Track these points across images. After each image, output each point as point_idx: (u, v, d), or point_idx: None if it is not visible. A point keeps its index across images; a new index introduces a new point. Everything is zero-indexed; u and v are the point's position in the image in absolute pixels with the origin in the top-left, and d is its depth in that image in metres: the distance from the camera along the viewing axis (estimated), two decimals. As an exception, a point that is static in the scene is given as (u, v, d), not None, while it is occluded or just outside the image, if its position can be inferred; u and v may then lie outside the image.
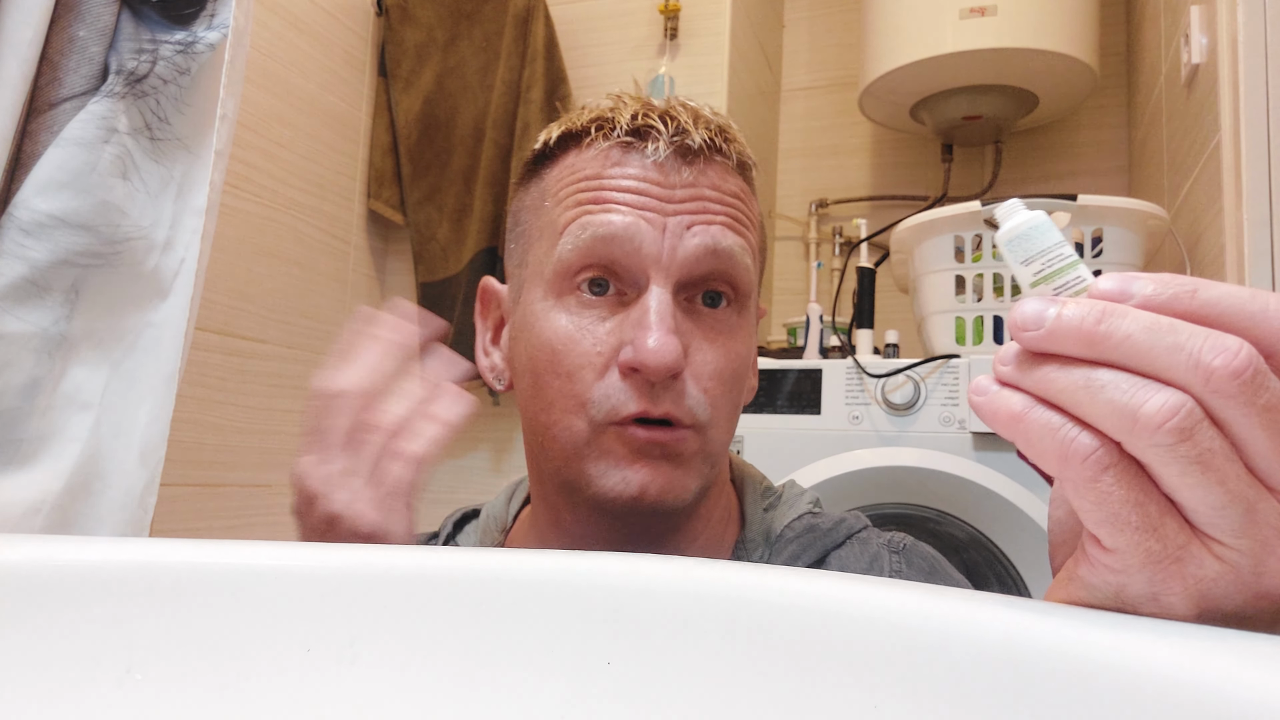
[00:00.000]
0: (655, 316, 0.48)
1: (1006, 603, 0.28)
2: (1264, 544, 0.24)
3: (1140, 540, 0.25)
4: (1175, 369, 0.23)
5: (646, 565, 0.33)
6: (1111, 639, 0.25)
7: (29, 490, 0.68)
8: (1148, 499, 0.24)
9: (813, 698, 0.28)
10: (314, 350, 1.68)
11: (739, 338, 0.52)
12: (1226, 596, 0.25)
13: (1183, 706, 0.22)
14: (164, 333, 0.77)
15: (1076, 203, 1.26)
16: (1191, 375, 0.23)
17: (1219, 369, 0.23)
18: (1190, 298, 0.24)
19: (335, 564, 0.35)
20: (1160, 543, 0.25)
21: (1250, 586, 0.25)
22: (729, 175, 0.53)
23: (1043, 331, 0.25)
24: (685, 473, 0.50)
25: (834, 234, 1.99)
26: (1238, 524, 0.24)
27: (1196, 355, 0.23)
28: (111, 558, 0.35)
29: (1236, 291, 0.24)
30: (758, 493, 0.60)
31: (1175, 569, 0.25)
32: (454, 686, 0.32)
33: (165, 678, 0.33)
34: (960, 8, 1.57)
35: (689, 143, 0.51)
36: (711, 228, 0.50)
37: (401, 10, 1.80)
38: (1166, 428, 0.23)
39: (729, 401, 0.52)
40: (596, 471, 0.49)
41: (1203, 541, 0.25)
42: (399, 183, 1.81)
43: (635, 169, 0.50)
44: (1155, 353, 0.23)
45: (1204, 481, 0.23)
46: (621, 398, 0.49)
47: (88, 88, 0.71)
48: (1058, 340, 0.25)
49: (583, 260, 0.50)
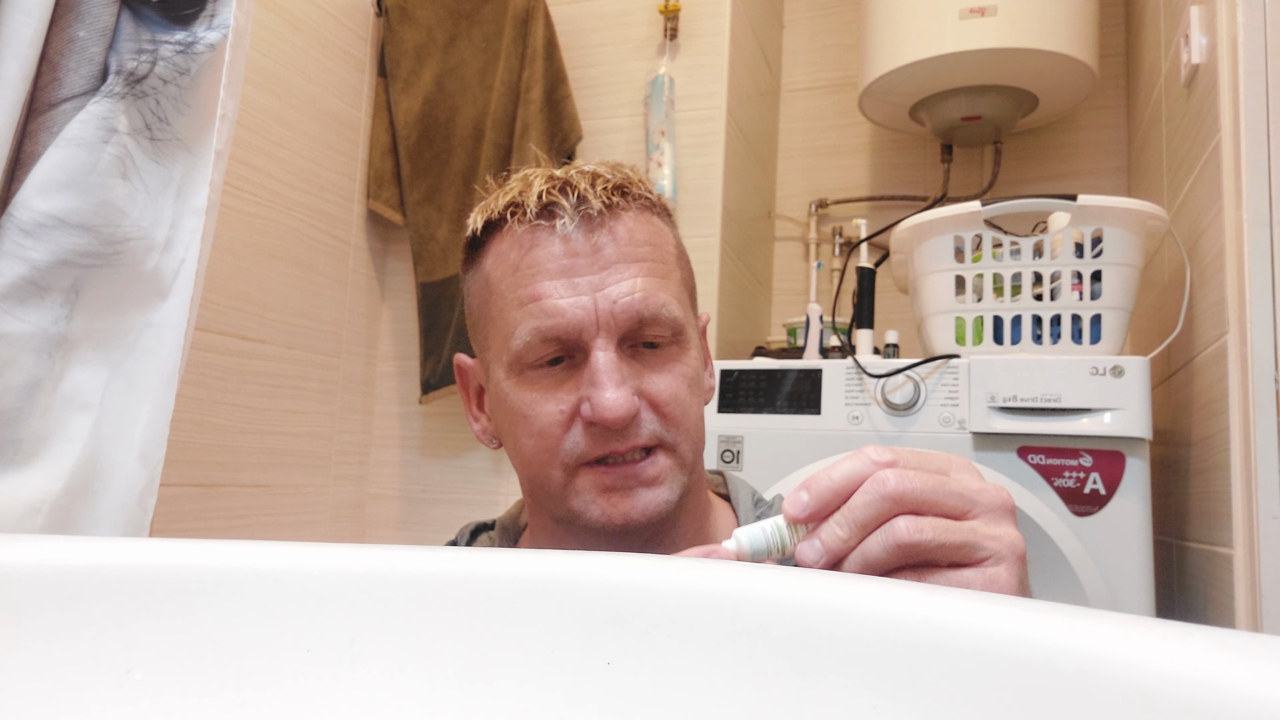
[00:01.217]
0: (604, 375, 0.55)
1: (1006, 603, 0.28)
2: (983, 547, 0.39)
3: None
4: (873, 503, 0.39)
5: (646, 565, 0.33)
6: (1112, 639, 0.25)
7: (29, 490, 0.68)
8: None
9: (813, 698, 0.28)
10: (314, 350, 1.68)
11: (684, 360, 0.59)
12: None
13: (1183, 706, 0.22)
14: (164, 333, 0.77)
15: (1076, 203, 1.26)
16: (879, 488, 0.39)
17: (881, 462, 0.40)
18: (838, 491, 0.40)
19: (335, 564, 0.35)
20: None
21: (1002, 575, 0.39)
22: (638, 224, 0.59)
23: (820, 557, 0.39)
24: (662, 489, 0.57)
25: (834, 234, 1.99)
26: (965, 546, 0.39)
27: (871, 482, 0.39)
28: (111, 558, 0.35)
29: (831, 477, 0.40)
30: (750, 502, 0.67)
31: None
32: (454, 686, 0.32)
33: (165, 678, 0.33)
34: (960, 8, 1.57)
35: (589, 211, 0.57)
36: (635, 287, 0.56)
37: (401, 10, 1.80)
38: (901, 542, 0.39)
39: (689, 415, 0.59)
40: (580, 506, 0.57)
41: (965, 567, 0.39)
42: (399, 183, 1.81)
43: (554, 247, 0.57)
44: (861, 514, 0.39)
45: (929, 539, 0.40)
46: (587, 445, 0.56)
47: (88, 88, 0.71)
48: (828, 555, 0.39)
49: (534, 354, 0.57)
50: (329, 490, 1.73)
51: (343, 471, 1.77)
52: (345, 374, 1.77)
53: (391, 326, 1.87)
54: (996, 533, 0.39)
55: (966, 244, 1.36)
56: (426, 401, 1.72)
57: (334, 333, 1.74)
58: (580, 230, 0.57)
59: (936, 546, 0.38)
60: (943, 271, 1.38)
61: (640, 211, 0.60)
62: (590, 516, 0.56)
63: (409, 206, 1.77)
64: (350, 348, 1.78)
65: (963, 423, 1.27)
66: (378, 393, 1.86)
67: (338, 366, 1.75)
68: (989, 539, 0.38)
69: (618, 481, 0.56)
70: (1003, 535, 0.39)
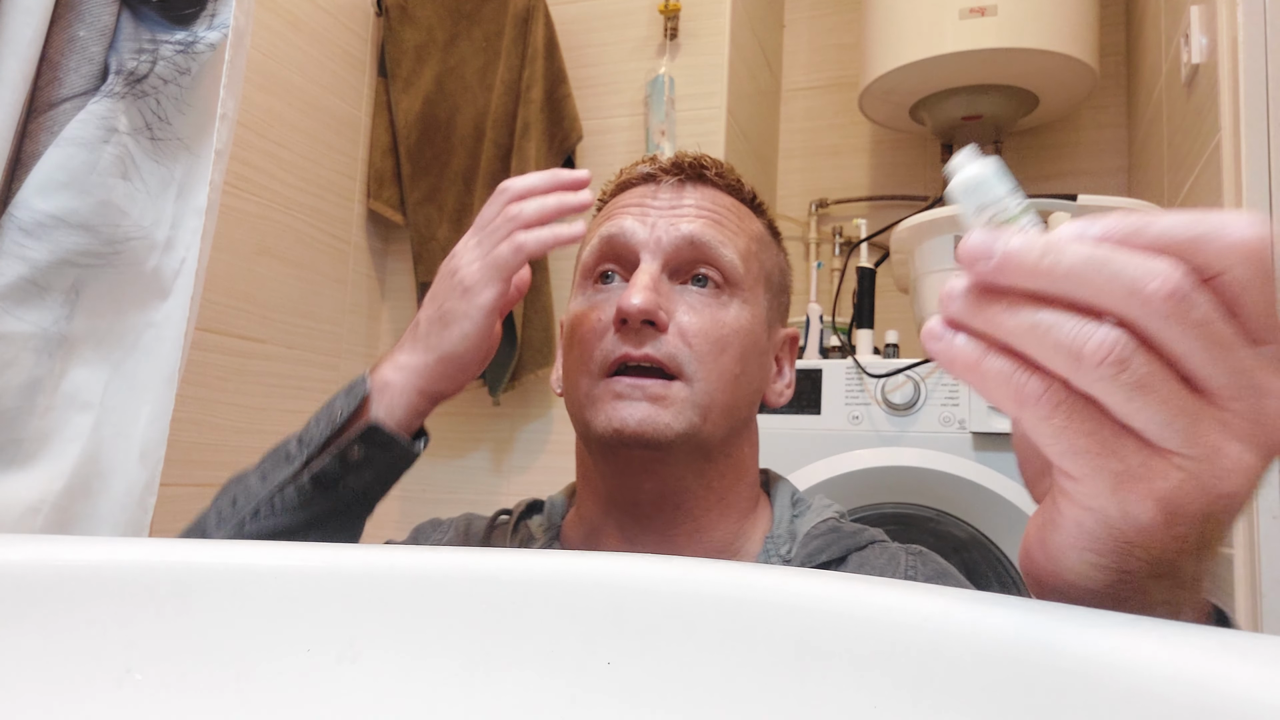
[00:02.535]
0: (637, 278, 0.58)
1: (1007, 603, 0.28)
2: (1214, 448, 0.26)
3: (1101, 464, 0.27)
4: (1114, 295, 0.25)
5: (646, 565, 0.33)
6: (1112, 639, 0.25)
7: (29, 490, 0.68)
8: (1100, 426, 0.26)
9: (813, 698, 0.28)
10: (314, 350, 1.68)
11: (730, 310, 0.60)
12: (1191, 501, 0.27)
13: (1183, 706, 0.22)
14: (164, 333, 0.77)
15: (1076, 203, 1.26)
16: (1129, 300, 0.25)
17: (1152, 293, 0.25)
18: (1139, 235, 0.26)
19: (335, 564, 0.35)
20: (1121, 462, 0.27)
21: (1210, 489, 0.27)
22: (720, 194, 0.64)
23: (992, 263, 0.26)
24: (665, 411, 0.57)
25: (834, 234, 1.99)
26: (1185, 434, 0.26)
27: (1131, 282, 0.25)
28: (111, 558, 0.35)
29: (1179, 220, 0.26)
30: (788, 500, 0.66)
31: (1142, 485, 0.27)
32: (454, 686, 0.32)
33: (165, 678, 0.33)
34: (960, 8, 1.57)
35: (683, 164, 0.63)
36: (693, 224, 0.60)
37: (401, 10, 1.80)
38: (1107, 361, 0.25)
39: (718, 362, 0.59)
40: (591, 414, 0.58)
41: (1162, 455, 0.27)
42: (399, 183, 1.81)
43: (641, 190, 0.64)
44: (1099, 281, 0.25)
45: (1147, 402, 0.26)
46: (611, 346, 0.58)
47: (88, 88, 0.71)
48: (1006, 272, 0.26)
49: (595, 259, 0.62)
50: (329, 490, 1.73)
51: (343, 471, 1.77)
52: (345, 374, 1.77)
53: (391, 326, 1.87)
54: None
55: (967, 244, 1.36)
56: (426, 401, 1.72)
57: (334, 333, 1.74)
58: (670, 183, 0.63)
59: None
60: (943, 271, 1.38)
61: (730, 194, 0.64)
62: (596, 424, 0.57)
63: (409, 206, 1.77)
64: (350, 348, 1.78)
65: (963, 423, 1.27)
66: (378, 392, 1.86)
67: (338, 366, 1.75)
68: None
69: (626, 390, 0.57)
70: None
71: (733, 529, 0.62)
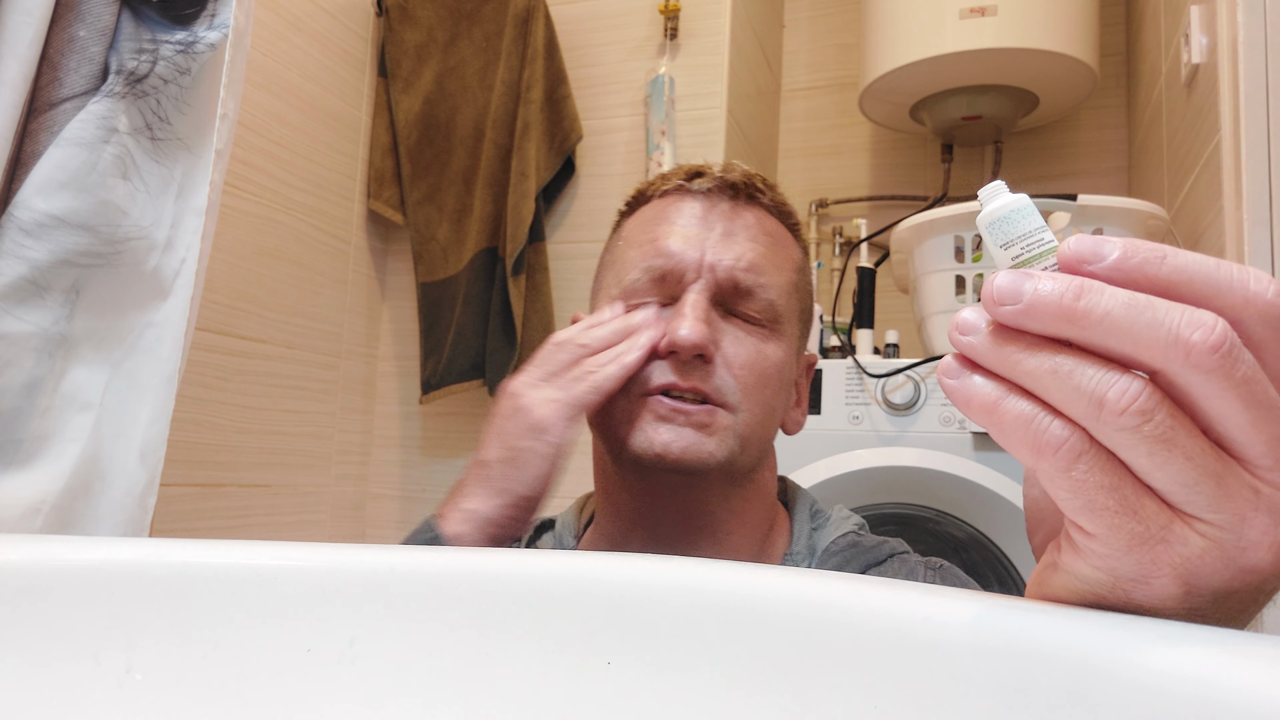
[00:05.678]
0: (689, 308, 0.58)
1: (1007, 603, 0.28)
2: (1240, 516, 0.24)
3: (1120, 523, 0.25)
4: (1155, 345, 0.23)
5: (646, 565, 0.33)
6: (1111, 639, 0.25)
7: (29, 490, 0.68)
8: (1122, 482, 0.24)
9: (813, 697, 0.28)
10: (314, 350, 1.68)
11: (771, 345, 0.60)
12: (1213, 573, 0.25)
13: (1183, 706, 0.22)
14: (164, 333, 0.77)
15: (1076, 203, 1.26)
16: (1169, 350, 0.23)
17: (1198, 344, 0.23)
18: (1160, 264, 0.24)
19: (335, 564, 0.35)
20: (1141, 524, 0.25)
21: (1234, 561, 0.25)
22: (769, 220, 0.63)
23: (1020, 306, 0.24)
24: (708, 439, 0.57)
25: (834, 234, 1.99)
26: (1211, 498, 0.24)
27: (1175, 331, 0.23)
28: (111, 558, 0.35)
29: (1203, 260, 0.24)
30: (807, 513, 0.66)
31: (1161, 549, 0.25)
32: (454, 686, 0.32)
33: (165, 678, 0.33)
34: (960, 8, 1.57)
35: (729, 181, 0.62)
36: (743, 258, 0.60)
37: (401, 10, 1.80)
38: (1130, 411, 0.23)
39: (760, 395, 0.59)
40: (628, 433, 0.58)
41: (1184, 520, 0.25)
42: (399, 183, 1.81)
43: (687, 206, 0.62)
44: (1136, 329, 0.23)
45: (1171, 458, 0.23)
46: (655, 373, 0.58)
47: (88, 88, 0.71)
48: (1035, 316, 0.24)
49: (640, 290, 0.61)
50: (329, 490, 1.73)
51: (343, 471, 1.77)
52: (345, 374, 1.77)
53: (392, 326, 1.87)
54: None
55: (966, 244, 1.36)
56: (427, 401, 1.72)
57: (334, 333, 1.74)
58: (715, 201, 0.62)
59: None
60: (943, 271, 1.38)
61: (774, 216, 0.64)
62: (635, 444, 0.57)
63: (409, 206, 1.77)
64: (350, 348, 1.78)
65: (963, 423, 1.27)
66: (378, 393, 1.86)
67: (338, 366, 1.75)
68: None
69: (670, 414, 0.57)
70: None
71: (754, 549, 0.63)
